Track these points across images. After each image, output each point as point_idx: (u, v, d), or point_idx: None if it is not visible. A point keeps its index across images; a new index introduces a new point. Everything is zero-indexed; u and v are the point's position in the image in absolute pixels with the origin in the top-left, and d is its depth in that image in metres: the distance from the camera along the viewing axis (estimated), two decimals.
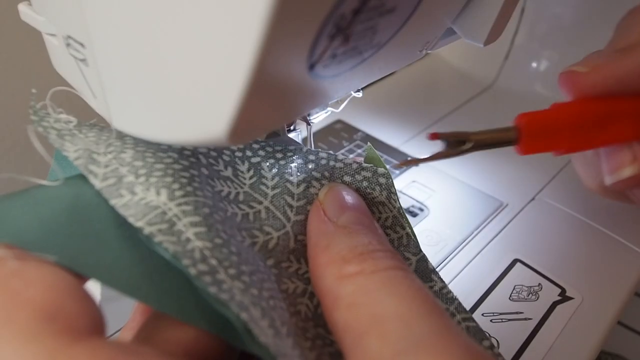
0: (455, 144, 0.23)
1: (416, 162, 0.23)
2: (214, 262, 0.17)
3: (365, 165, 0.23)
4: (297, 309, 0.21)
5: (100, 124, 0.21)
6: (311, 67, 0.16)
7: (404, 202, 0.39)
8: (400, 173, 0.41)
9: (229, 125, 0.15)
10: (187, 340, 0.17)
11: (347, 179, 0.23)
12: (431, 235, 0.36)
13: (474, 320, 0.22)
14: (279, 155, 0.23)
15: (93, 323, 0.15)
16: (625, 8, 0.31)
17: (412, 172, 0.42)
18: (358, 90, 0.28)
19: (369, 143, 0.25)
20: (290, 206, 0.22)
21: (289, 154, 0.23)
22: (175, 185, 0.18)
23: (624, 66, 0.24)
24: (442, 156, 0.24)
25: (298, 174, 0.23)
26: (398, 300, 0.17)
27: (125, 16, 0.16)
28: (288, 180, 0.23)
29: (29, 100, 0.21)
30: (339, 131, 0.46)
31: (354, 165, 0.23)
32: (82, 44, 0.18)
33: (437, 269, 0.33)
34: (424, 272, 0.23)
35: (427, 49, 0.23)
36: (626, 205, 0.32)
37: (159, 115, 0.18)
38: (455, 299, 0.22)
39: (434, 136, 0.23)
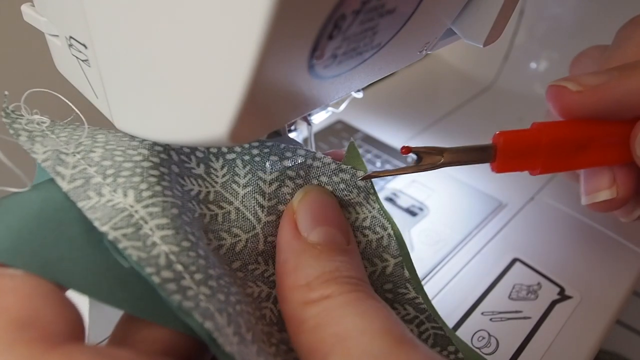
0: (428, 158, 0.22)
1: (382, 174, 0.22)
2: (179, 267, 0.16)
3: (344, 166, 0.22)
4: (262, 313, 0.20)
5: (75, 122, 0.20)
6: (311, 67, 0.16)
7: (404, 202, 0.39)
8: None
9: (230, 125, 0.15)
10: (164, 339, 0.17)
11: (323, 179, 0.22)
12: (431, 234, 0.36)
13: (442, 330, 0.21)
14: (255, 152, 0.22)
15: (70, 328, 0.15)
16: (624, 8, 0.31)
17: None
18: (358, 91, 0.28)
19: (352, 139, 0.24)
20: (262, 206, 0.21)
21: (265, 150, 0.22)
22: (143, 185, 0.18)
23: (621, 89, 0.23)
24: (411, 170, 0.22)
25: (271, 171, 0.21)
26: (360, 317, 0.17)
27: (126, 18, 0.16)
28: (260, 178, 0.21)
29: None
30: (339, 131, 0.46)
31: (332, 166, 0.22)
32: (84, 45, 0.18)
33: (437, 268, 0.33)
34: (399, 277, 0.22)
35: (427, 49, 0.23)
36: None
37: (160, 115, 0.18)
38: (427, 310, 0.22)
39: (407, 150, 0.22)
